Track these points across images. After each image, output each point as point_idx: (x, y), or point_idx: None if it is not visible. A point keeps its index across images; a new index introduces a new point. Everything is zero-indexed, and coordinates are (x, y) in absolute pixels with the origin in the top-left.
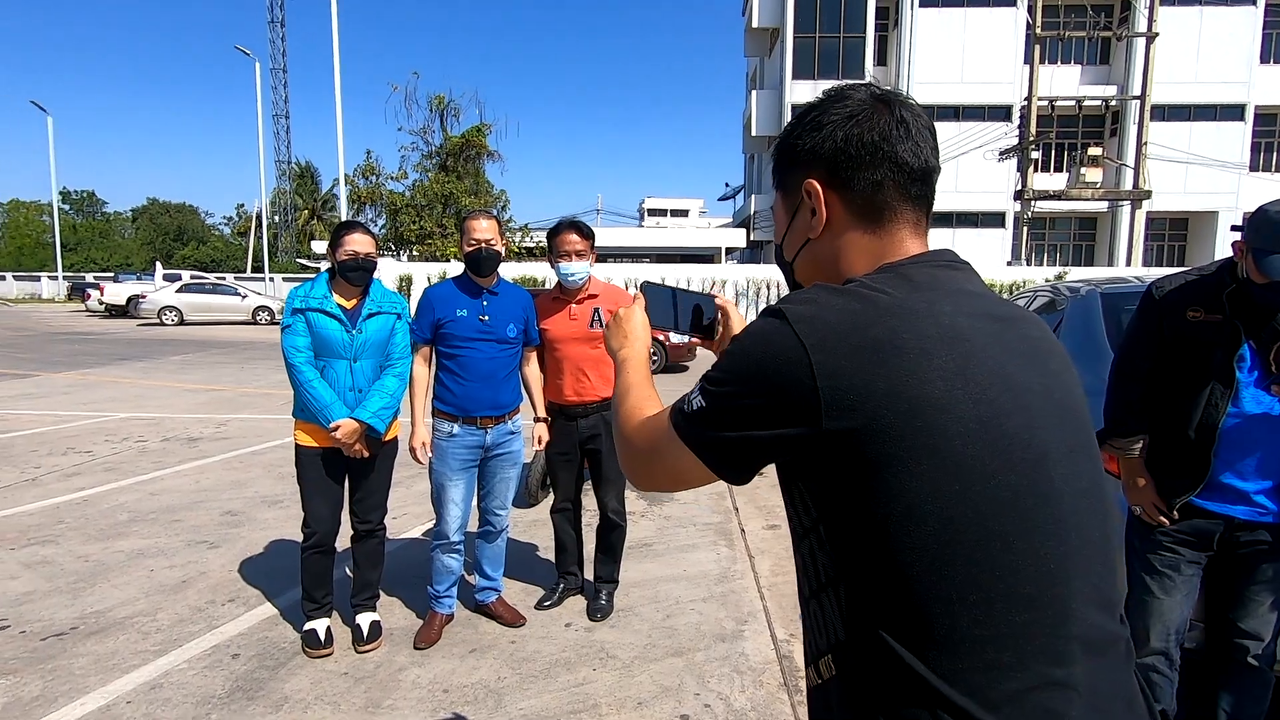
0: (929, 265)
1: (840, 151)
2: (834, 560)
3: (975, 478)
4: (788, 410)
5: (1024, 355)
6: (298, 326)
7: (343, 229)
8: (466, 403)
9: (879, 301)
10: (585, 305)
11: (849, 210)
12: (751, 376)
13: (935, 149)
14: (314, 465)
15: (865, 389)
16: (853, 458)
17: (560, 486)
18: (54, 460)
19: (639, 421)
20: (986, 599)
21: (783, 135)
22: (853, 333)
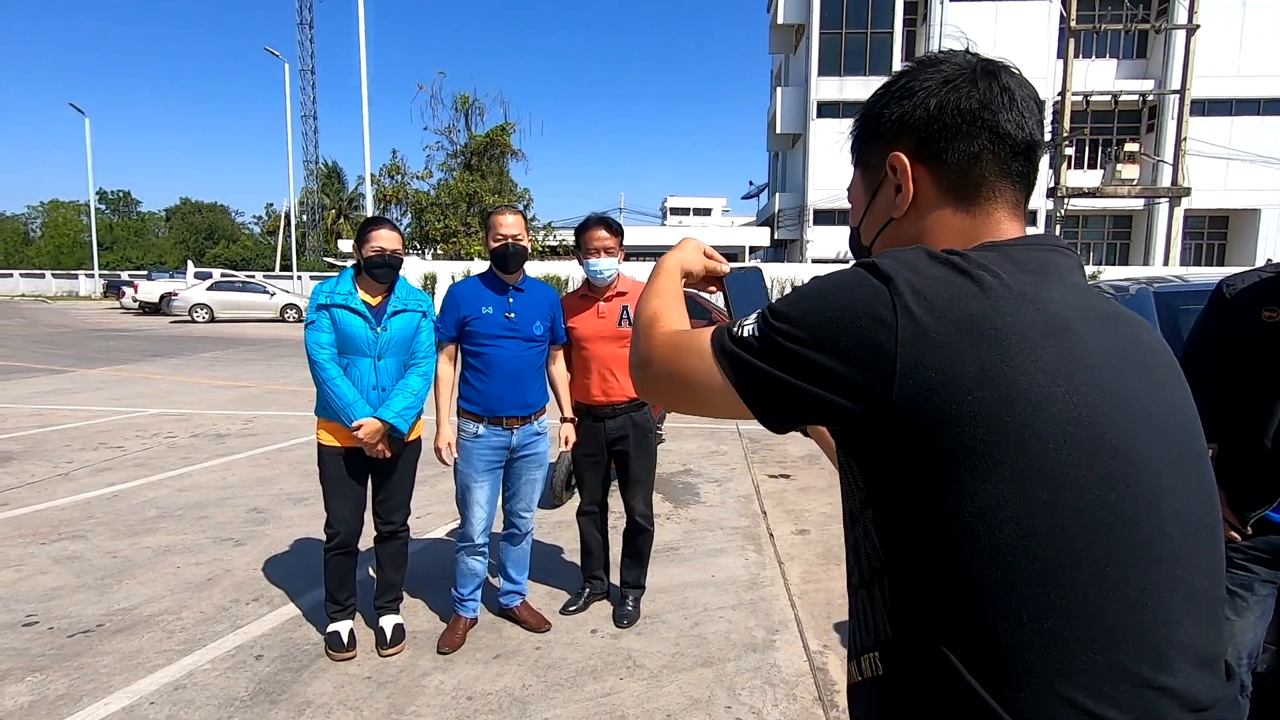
0: (1036, 248)
1: (933, 120)
2: (881, 550)
3: (1067, 487)
4: (855, 375)
5: (1132, 360)
6: (322, 323)
7: (369, 225)
8: (492, 402)
9: (982, 279)
10: (613, 303)
11: (939, 187)
12: (824, 325)
13: (1041, 123)
14: (336, 465)
15: (950, 369)
16: (919, 442)
17: (586, 489)
18: (86, 455)
19: (668, 330)
20: (1065, 627)
21: (867, 104)
22: (950, 304)
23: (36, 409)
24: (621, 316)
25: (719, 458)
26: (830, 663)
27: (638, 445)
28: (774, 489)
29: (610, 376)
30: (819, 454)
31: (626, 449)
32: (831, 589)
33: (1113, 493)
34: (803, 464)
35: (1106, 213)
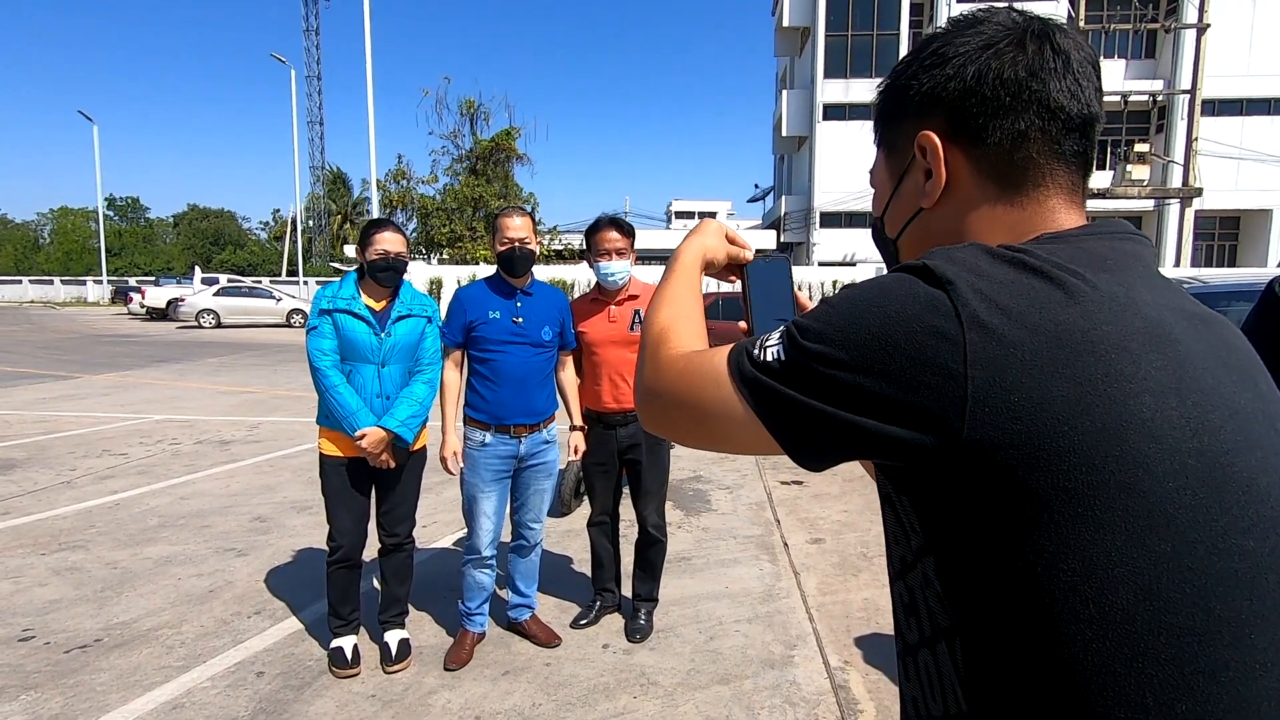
0: (1110, 238)
1: (971, 92)
2: (949, 606)
3: (1197, 536)
4: (914, 402)
5: (1236, 369)
6: (324, 328)
7: (372, 227)
8: (499, 410)
9: (1064, 280)
10: (625, 307)
11: (979, 171)
12: (869, 342)
13: (1100, 91)
14: (339, 475)
15: (1040, 392)
16: (1002, 485)
17: (597, 498)
18: (89, 462)
19: (678, 351)
20: (1203, 714)
21: (892, 74)
22: (1030, 312)
23: (42, 415)
24: (634, 320)
25: (729, 464)
26: (852, 680)
27: (650, 453)
28: (786, 496)
29: (622, 382)
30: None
31: (639, 457)
32: (849, 601)
33: (1250, 540)
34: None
35: (1117, 214)
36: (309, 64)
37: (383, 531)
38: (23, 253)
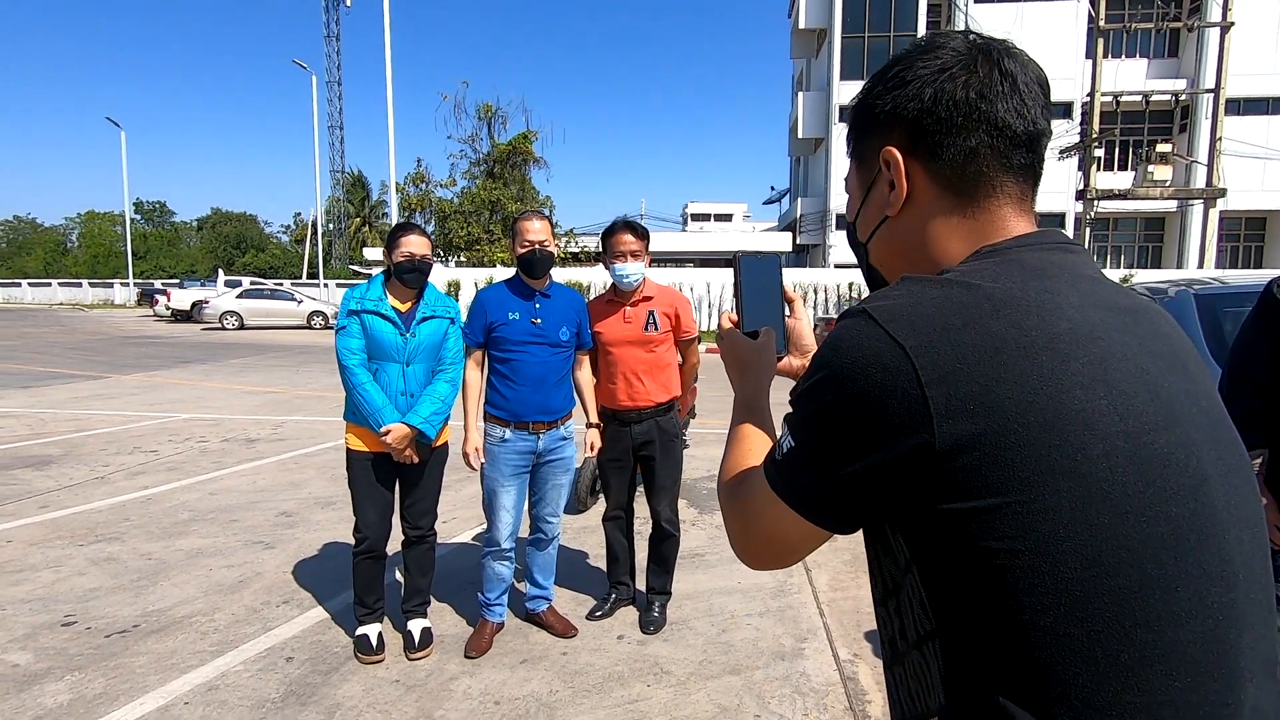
0: (1039, 248)
1: (927, 113)
2: (931, 611)
3: (1128, 507)
4: (892, 428)
5: (1161, 355)
6: (352, 328)
7: (399, 230)
8: (518, 407)
9: (991, 291)
10: (640, 308)
11: (936, 183)
12: (842, 397)
13: (1047, 108)
14: (364, 470)
15: (986, 397)
16: (968, 482)
17: (612, 494)
18: (121, 459)
19: (732, 481)
20: (1142, 659)
21: (861, 94)
22: (963, 329)
23: (74, 414)
24: (648, 321)
25: None
26: (861, 672)
27: (664, 450)
28: None
29: (636, 381)
30: None
31: (652, 454)
32: (860, 597)
33: (1173, 506)
34: None
35: (1138, 215)
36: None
37: (406, 524)
38: (52, 256)
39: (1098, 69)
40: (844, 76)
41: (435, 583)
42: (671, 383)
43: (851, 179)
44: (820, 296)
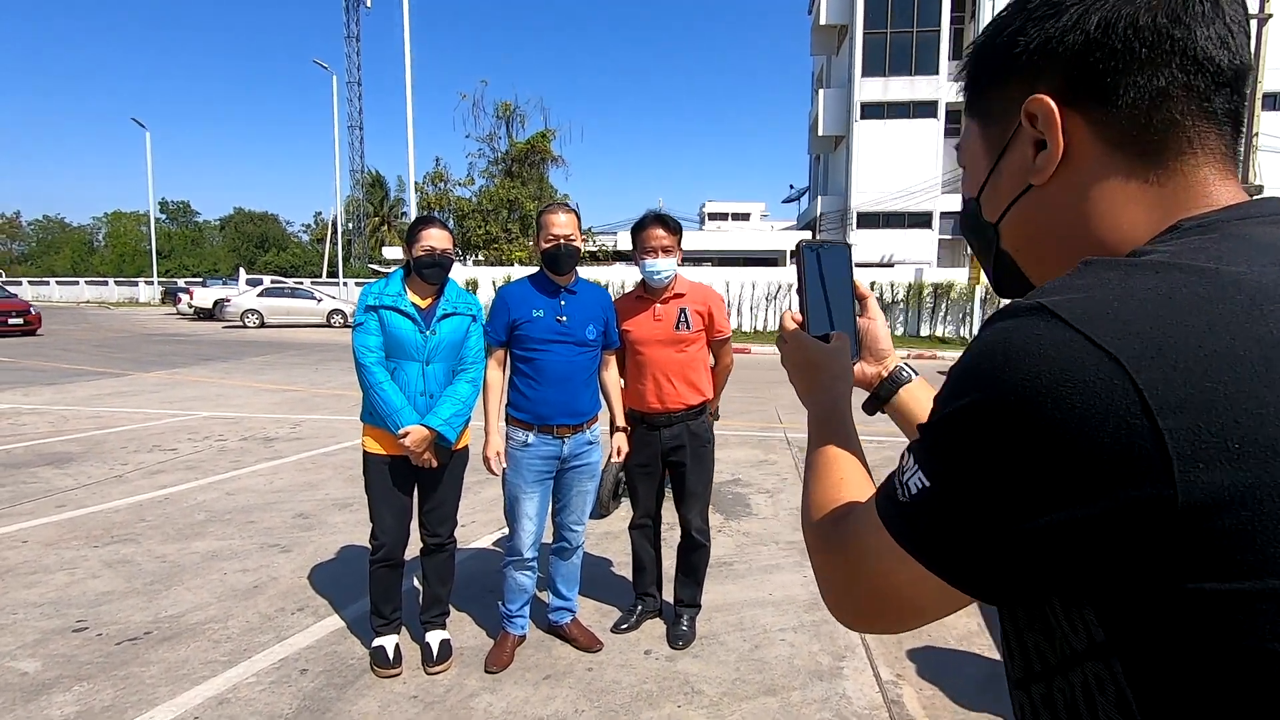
0: (1268, 221)
1: (1096, 45)
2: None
3: None
4: (1101, 475)
5: None
6: (370, 325)
7: (420, 224)
8: (542, 409)
9: (1239, 279)
10: (671, 305)
11: (1105, 139)
12: (1019, 429)
13: (1249, 37)
14: (381, 474)
15: (1256, 431)
16: (1234, 554)
17: (640, 501)
18: (141, 457)
19: (825, 521)
20: None
21: (988, 31)
22: (1207, 332)
23: (96, 411)
24: (679, 319)
25: (769, 468)
26: (905, 695)
27: (694, 456)
28: None
29: (666, 383)
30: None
31: (683, 460)
32: None
33: None
34: None
35: None
36: (349, 70)
37: (425, 531)
38: (80, 255)
39: None
40: (865, 73)
41: (454, 590)
42: (703, 384)
43: (971, 145)
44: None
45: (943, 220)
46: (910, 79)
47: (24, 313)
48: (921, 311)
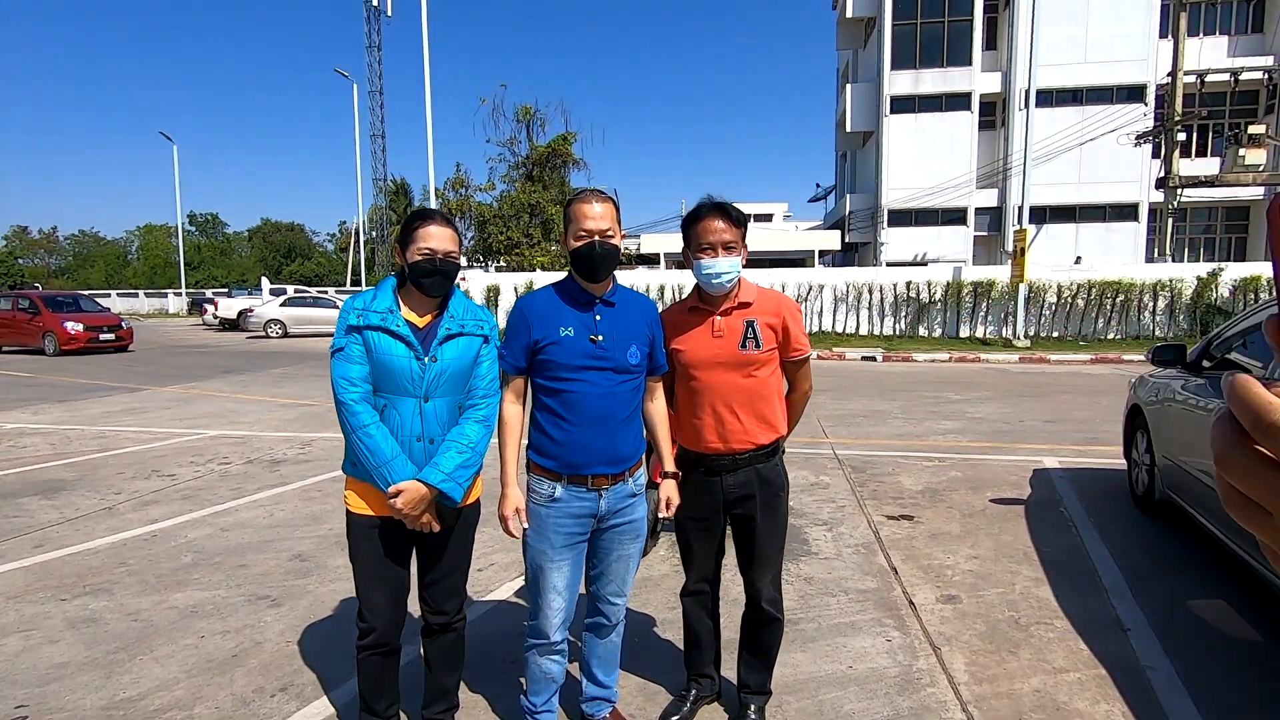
0: None
1: None
2: None
3: None
4: None
5: None
6: (352, 350)
7: (416, 220)
8: (574, 455)
9: None
10: (735, 318)
11: None
12: None
13: None
14: (370, 540)
15: None
16: None
17: (695, 563)
18: (136, 485)
19: None
20: None
21: None
22: None
23: (102, 430)
24: (745, 335)
25: (822, 492)
26: None
27: (765, 508)
28: (897, 535)
29: (730, 416)
30: (941, 489)
31: (750, 513)
32: (1017, 692)
33: None
34: (924, 501)
35: (1218, 204)
36: (371, 79)
37: (426, 608)
38: (113, 268)
39: (1180, 46)
40: (895, 65)
41: (466, 662)
42: (775, 417)
43: None
44: (875, 298)
45: (978, 216)
46: (943, 71)
47: (116, 327)
48: (960, 312)
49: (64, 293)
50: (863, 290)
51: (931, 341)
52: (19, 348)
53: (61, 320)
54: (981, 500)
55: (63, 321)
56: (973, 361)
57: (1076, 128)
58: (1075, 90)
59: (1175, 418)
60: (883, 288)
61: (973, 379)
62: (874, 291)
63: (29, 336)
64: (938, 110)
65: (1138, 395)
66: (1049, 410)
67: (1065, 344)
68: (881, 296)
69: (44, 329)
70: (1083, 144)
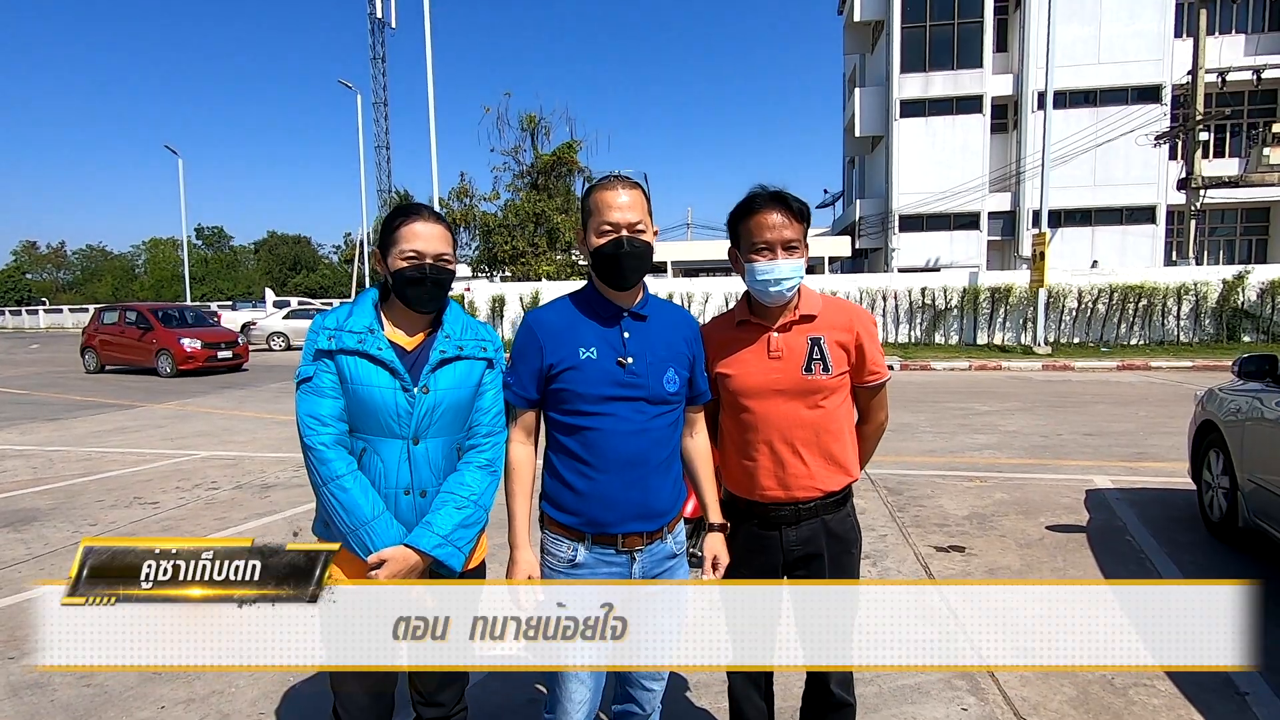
0: None
1: None
2: None
3: None
4: None
5: None
6: (322, 380)
7: (399, 216)
8: (598, 509)
9: None
10: (795, 335)
11: None
12: None
13: None
14: None
15: None
16: None
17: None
18: (115, 514)
19: None
20: None
21: None
22: None
23: (89, 452)
24: (810, 356)
25: (861, 519)
26: None
27: (836, 568)
28: (950, 570)
29: (791, 456)
30: (989, 514)
31: (818, 573)
32: None
33: None
34: (972, 529)
35: (1237, 206)
36: (376, 90)
37: (418, 698)
38: (120, 282)
39: (1200, 44)
40: (904, 69)
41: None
42: (846, 456)
43: None
44: (890, 304)
45: (991, 221)
46: (953, 73)
47: (233, 344)
48: (978, 318)
49: (173, 305)
50: (876, 297)
51: (949, 349)
52: (128, 367)
53: (177, 337)
54: (1037, 527)
55: (179, 338)
56: (994, 369)
57: (1091, 129)
58: (1089, 91)
59: (1266, 436)
60: (897, 294)
61: (997, 388)
62: (888, 298)
63: (140, 355)
64: (948, 113)
65: (1210, 410)
66: (1085, 422)
67: (1087, 350)
68: (896, 303)
69: (158, 346)
70: (1098, 146)
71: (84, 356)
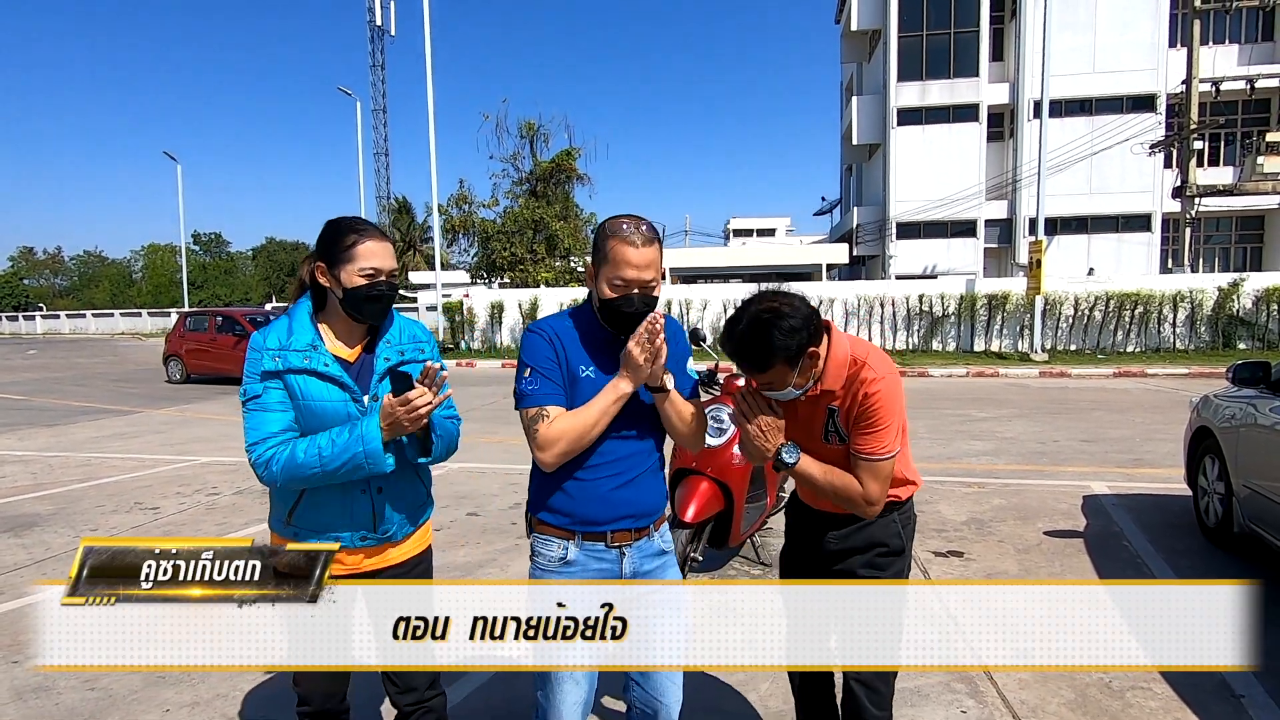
0: None
1: None
2: None
3: None
4: None
5: None
6: (270, 396)
7: (350, 233)
8: (589, 508)
9: None
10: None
11: None
12: None
13: None
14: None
15: None
16: None
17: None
18: (115, 520)
19: None
20: None
21: None
22: None
23: (88, 457)
24: (827, 426)
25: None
26: None
27: (870, 569)
28: (949, 575)
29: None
30: (986, 519)
31: (850, 571)
32: None
33: None
34: (970, 534)
35: (1232, 214)
36: (375, 98)
37: (391, 687)
38: (118, 288)
39: (1194, 54)
40: (901, 77)
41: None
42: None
43: None
44: (888, 311)
45: (987, 228)
46: (949, 82)
47: None
48: (975, 325)
49: (260, 310)
50: (874, 304)
51: (946, 355)
52: (218, 376)
53: None
54: (1034, 533)
55: None
56: (991, 376)
57: (1086, 138)
58: (1084, 100)
59: (1261, 442)
60: (894, 301)
61: (995, 395)
62: (885, 305)
63: (233, 364)
64: (945, 122)
65: (1205, 417)
66: (1082, 429)
67: (1084, 357)
68: (893, 310)
69: None
70: (1094, 154)
71: (167, 366)
